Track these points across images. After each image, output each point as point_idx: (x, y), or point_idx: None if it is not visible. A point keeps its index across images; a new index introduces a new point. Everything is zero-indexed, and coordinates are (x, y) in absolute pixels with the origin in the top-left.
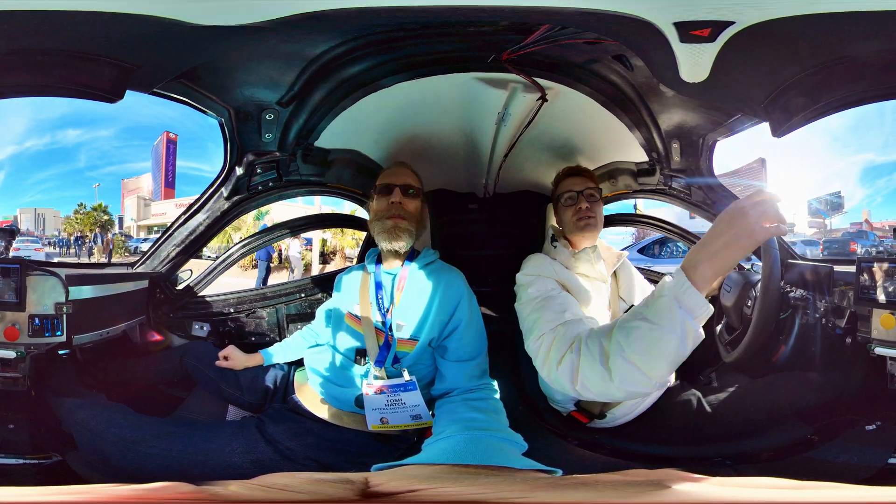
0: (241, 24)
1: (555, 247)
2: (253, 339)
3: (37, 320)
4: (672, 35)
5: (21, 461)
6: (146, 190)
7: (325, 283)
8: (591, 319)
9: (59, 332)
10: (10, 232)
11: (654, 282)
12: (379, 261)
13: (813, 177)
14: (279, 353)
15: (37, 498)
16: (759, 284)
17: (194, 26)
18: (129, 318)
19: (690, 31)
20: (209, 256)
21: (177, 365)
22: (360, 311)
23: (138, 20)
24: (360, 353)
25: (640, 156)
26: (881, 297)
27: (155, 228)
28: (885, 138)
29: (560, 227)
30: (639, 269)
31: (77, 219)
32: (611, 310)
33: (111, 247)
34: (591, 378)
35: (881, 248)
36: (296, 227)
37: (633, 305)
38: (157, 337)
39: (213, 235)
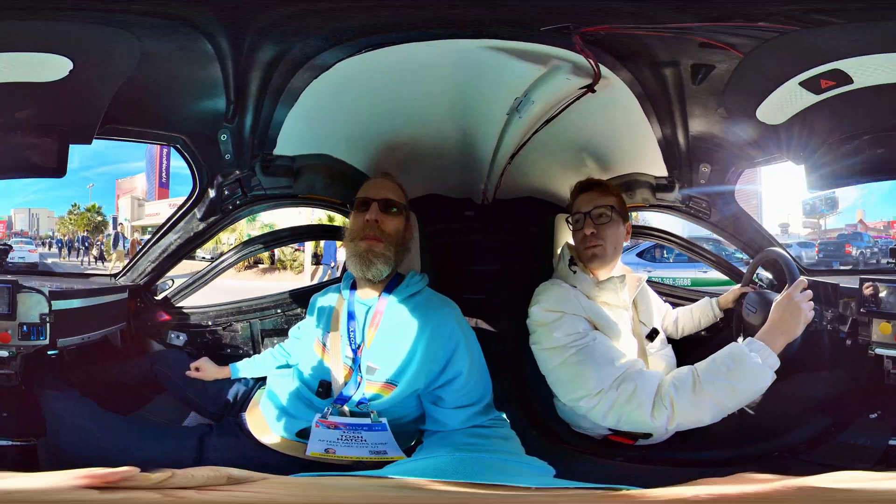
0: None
1: (574, 272)
2: (228, 350)
3: (25, 327)
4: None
5: (10, 443)
6: (140, 190)
7: (304, 299)
8: (637, 361)
9: (42, 338)
10: (3, 251)
11: (668, 296)
12: (355, 285)
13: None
14: (246, 368)
15: None
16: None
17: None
18: (110, 325)
19: (822, 77)
20: (203, 258)
21: (147, 370)
22: (330, 342)
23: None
24: (324, 387)
25: (660, 170)
26: (880, 309)
27: (149, 228)
28: None
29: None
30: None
31: (71, 219)
32: (636, 337)
33: (138, 248)
34: (687, 421)
35: (876, 249)
36: (271, 241)
37: (654, 329)
38: (166, 317)
39: (187, 253)
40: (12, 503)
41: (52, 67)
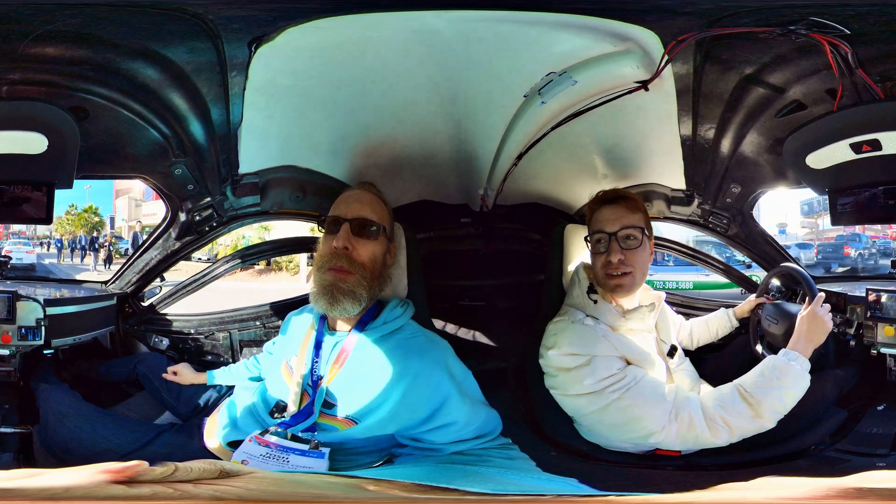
0: None
1: (594, 301)
2: (209, 357)
3: (23, 330)
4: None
5: (11, 430)
6: (137, 190)
7: (284, 312)
8: (677, 388)
9: (38, 339)
10: (3, 262)
11: (678, 305)
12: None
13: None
14: (220, 377)
15: None
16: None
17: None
18: (100, 328)
19: (865, 143)
20: (200, 259)
21: (130, 370)
22: (295, 365)
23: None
24: (280, 408)
25: (677, 182)
26: (884, 314)
27: (146, 229)
28: None
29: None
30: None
31: (69, 220)
32: (661, 356)
33: None
34: (749, 431)
35: (874, 250)
36: (247, 255)
37: (672, 346)
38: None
39: (169, 267)
40: (44, 499)
41: (34, 143)
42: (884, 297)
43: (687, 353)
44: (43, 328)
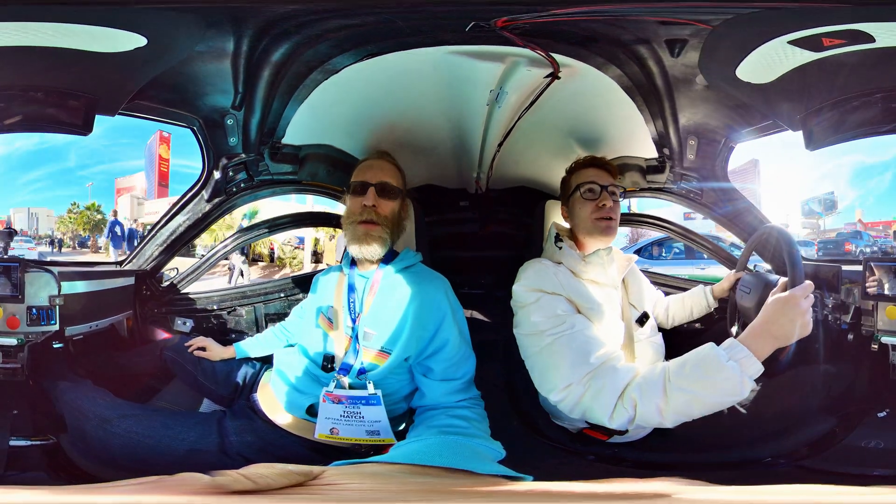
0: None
1: (560, 248)
2: (233, 336)
3: (34, 311)
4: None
5: (27, 443)
6: (139, 189)
7: (306, 283)
8: (614, 355)
9: (52, 321)
10: (9, 233)
11: (661, 285)
12: (355, 262)
13: (805, 177)
14: (250, 348)
15: (47, 498)
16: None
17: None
18: (116, 313)
19: (825, 38)
20: (202, 256)
21: (157, 357)
22: (333, 314)
23: (79, 54)
24: (328, 360)
25: (649, 151)
26: (887, 291)
27: (148, 227)
28: (873, 140)
29: (568, 225)
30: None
31: (70, 218)
32: (624, 319)
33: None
34: (649, 422)
35: (875, 249)
36: (274, 226)
37: (644, 313)
38: (166, 335)
39: (195, 236)
40: None
41: (117, 41)
42: (889, 274)
43: (666, 336)
44: (57, 308)
